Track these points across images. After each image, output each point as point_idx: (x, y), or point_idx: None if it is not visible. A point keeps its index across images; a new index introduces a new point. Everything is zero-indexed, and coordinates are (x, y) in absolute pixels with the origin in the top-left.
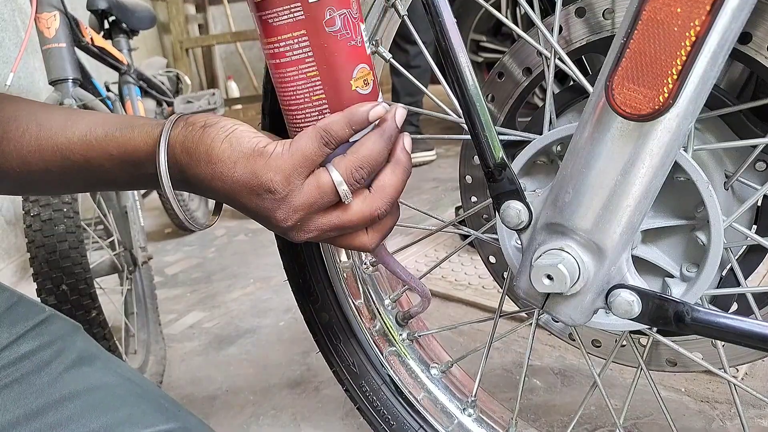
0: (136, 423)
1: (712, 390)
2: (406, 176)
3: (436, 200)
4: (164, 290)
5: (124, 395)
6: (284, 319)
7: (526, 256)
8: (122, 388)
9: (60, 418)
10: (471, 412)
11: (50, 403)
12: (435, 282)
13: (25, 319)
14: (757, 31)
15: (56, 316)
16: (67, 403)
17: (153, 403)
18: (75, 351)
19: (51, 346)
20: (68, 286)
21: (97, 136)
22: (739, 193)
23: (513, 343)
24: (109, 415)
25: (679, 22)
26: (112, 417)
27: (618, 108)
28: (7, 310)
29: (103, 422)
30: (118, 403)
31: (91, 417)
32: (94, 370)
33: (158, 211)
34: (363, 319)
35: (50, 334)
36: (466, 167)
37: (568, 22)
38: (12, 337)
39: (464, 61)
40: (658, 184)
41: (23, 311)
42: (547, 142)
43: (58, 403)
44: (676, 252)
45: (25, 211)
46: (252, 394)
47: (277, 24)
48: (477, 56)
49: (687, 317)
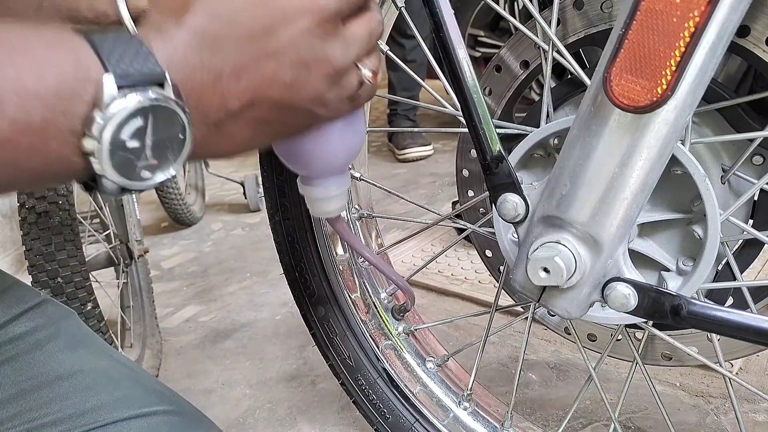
0: (130, 403)
1: (707, 384)
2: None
3: (433, 195)
4: (161, 284)
5: (118, 377)
6: (281, 312)
7: (523, 249)
8: (116, 371)
9: (54, 396)
10: (466, 406)
11: (44, 382)
12: (431, 276)
13: (21, 301)
14: (755, 24)
15: (50, 301)
16: (62, 382)
17: (147, 386)
18: (69, 334)
19: (46, 328)
20: (64, 279)
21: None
22: (735, 187)
23: (509, 338)
24: (103, 395)
25: (678, 13)
26: (106, 397)
27: (616, 100)
28: (2, 293)
29: (97, 401)
30: (112, 385)
31: (85, 396)
32: (88, 353)
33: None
34: (359, 312)
35: (45, 317)
36: (463, 161)
37: (566, 14)
38: (6, 317)
39: (462, 54)
40: (656, 177)
41: (18, 294)
42: (544, 135)
43: (52, 382)
44: (672, 246)
45: (21, 203)
46: (248, 387)
47: None
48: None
49: (683, 311)
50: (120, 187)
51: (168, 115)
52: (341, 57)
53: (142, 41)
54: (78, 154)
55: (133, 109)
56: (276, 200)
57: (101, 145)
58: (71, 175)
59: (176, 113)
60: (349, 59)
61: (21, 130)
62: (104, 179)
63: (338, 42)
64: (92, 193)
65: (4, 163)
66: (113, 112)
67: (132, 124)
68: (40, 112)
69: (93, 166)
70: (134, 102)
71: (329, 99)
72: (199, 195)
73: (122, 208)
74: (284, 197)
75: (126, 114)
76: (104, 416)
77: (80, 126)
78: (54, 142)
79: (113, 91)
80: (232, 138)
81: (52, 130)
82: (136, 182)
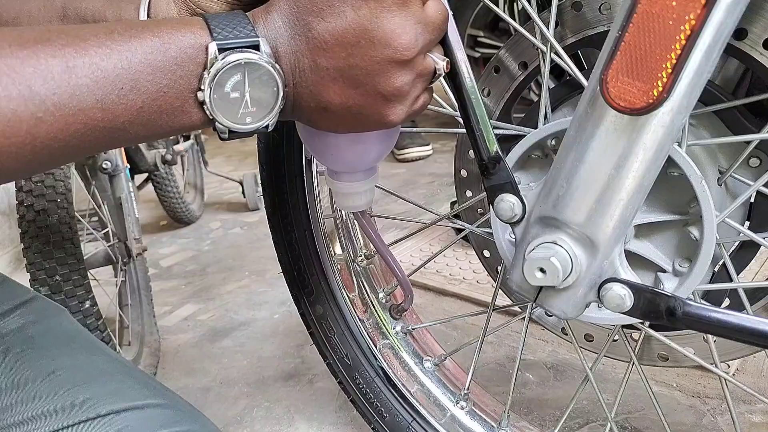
0: (123, 396)
1: (704, 385)
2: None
3: (431, 195)
4: (159, 282)
5: (111, 371)
6: (279, 311)
7: (520, 250)
8: (108, 365)
9: (46, 389)
10: (464, 405)
11: (37, 376)
12: (430, 276)
13: (11, 297)
14: (753, 27)
15: (41, 298)
16: (54, 376)
17: (139, 380)
18: (61, 330)
19: (37, 323)
20: (62, 277)
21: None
22: (732, 189)
23: (506, 338)
24: (95, 388)
25: (674, 16)
26: (98, 390)
27: (612, 101)
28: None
29: (89, 394)
30: (105, 378)
31: (78, 389)
32: (80, 348)
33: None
34: (357, 311)
35: (36, 313)
36: (461, 161)
37: (565, 16)
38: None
39: (461, 56)
40: (652, 178)
41: (8, 291)
42: (542, 136)
43: (44, 376)
44: (668, 247)
45: (19, 201)
46: (246, 386)
47: None
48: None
49: (679, 311)
50: (230, 129)
51: (261, 72)
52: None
53: (246, 16)
54: (196, 106)
55: (230, 65)
56: (275, 199)
57: (210, 95)
58: (194, 123)
59: (268, 71)
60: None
61: (153, 98)
62: (217, 123)
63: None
64: (90, 190)
65: (142, 124)
66: (217, 69)
67: (232, 79)
68: (167, 80)
69: (206, 112)
70: (232, 60)
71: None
72: (197, 193)
73: (121, 206)
74: (283, 196)
75: (225, 69)
76: (97, 409)
77: (196, 83)
78: (177, 101)
79: (215, 53)
80: (319, 111)
81: (175, 91)
82: (241, 125)
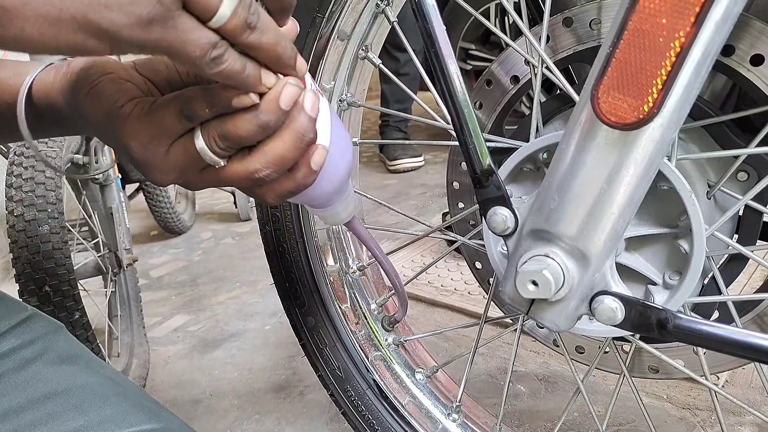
0: (118, 422)
1: (694, 397)
2: (296, 139)
3: (423, 206)
4: (149, 293)
5: (106, 395)
6: (270, 323)
7: (512, 262)
8: (104, 388)
9: (40, 416)
10: (455, 417)
11: (31, 401)
12: (421, 287)
13: (7, 317)
14: (740, 44)
15: (38, 315)
16: (48, 402)
17: (135, 403)
18: (57, 350)
19: (33, 344)
20: (51, 287)
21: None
22: (721, 203)
23: (498, 349)
24: (90, 414)
25: (664, 33)
26: (93, 416)
27: (603, 117)
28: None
29: (85, 421)
30: (100, 403)
31: (72, 415)
32: (76, 369)
33: (144, 213)
34: (349, 323)
35: (32, 332)
36: (453, 173)
37: (556, 31)
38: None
39: (453, 68)
40: (642, 192)
41: (4, 310)
42: (534, 149)
43: (39, 401)
44: (659, 260)
45: (9, 211)
46: (236, 398)
47: None
48: (466, 64)
49: (669, 324)
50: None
51: None
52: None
53: None
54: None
55: None
56: (267, 210)
57: None
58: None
59: None
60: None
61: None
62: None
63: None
64: (81, 200)
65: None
66: None
67: None
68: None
69: None
70: None
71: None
72: (189, 203)
73: (111, 216)
74: (275, 207)
75: None
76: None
77: None
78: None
79: None
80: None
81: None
82: None
